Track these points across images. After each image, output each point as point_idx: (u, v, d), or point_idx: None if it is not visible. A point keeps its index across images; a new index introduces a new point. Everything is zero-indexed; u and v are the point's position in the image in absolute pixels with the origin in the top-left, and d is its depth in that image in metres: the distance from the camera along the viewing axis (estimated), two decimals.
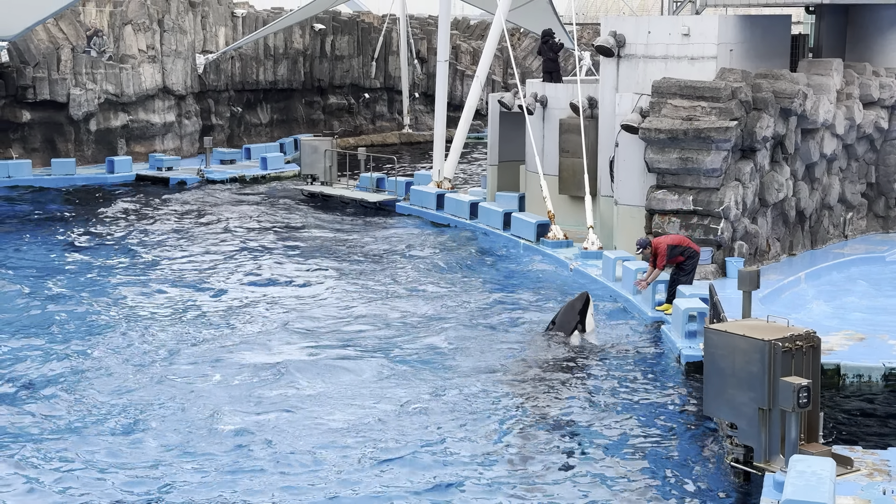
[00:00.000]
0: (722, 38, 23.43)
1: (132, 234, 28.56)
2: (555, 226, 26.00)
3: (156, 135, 41.26)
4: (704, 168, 21.97)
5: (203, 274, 24.08)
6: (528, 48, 55.08)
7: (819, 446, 12.79)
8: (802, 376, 12.65)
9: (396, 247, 27.36)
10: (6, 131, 37.75)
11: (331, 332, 19.50)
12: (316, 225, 30.24)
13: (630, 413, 15.52)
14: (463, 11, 66.16)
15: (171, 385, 16.41)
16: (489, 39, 32.48)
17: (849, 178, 25.89)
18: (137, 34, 40.62)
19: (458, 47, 53.53)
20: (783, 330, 13.03)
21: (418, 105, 52.56)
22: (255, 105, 46.62)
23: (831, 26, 27.24)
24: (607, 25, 24.88)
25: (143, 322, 19.96)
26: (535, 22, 44.21)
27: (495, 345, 18.66)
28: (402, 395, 16.06)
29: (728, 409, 13.11)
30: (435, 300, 21.75)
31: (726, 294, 18.49)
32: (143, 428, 14.69)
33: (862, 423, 15.21)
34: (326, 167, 35.38)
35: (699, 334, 17.34)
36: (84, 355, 17.81)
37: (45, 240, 27.74)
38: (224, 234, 28.64)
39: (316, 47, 48.91)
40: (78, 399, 15.79)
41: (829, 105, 24.11)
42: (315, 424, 14.84)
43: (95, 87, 38.94)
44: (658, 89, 22.92)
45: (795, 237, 24.39)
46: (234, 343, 18.66)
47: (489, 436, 14.57)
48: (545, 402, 15.90)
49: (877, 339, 17.87)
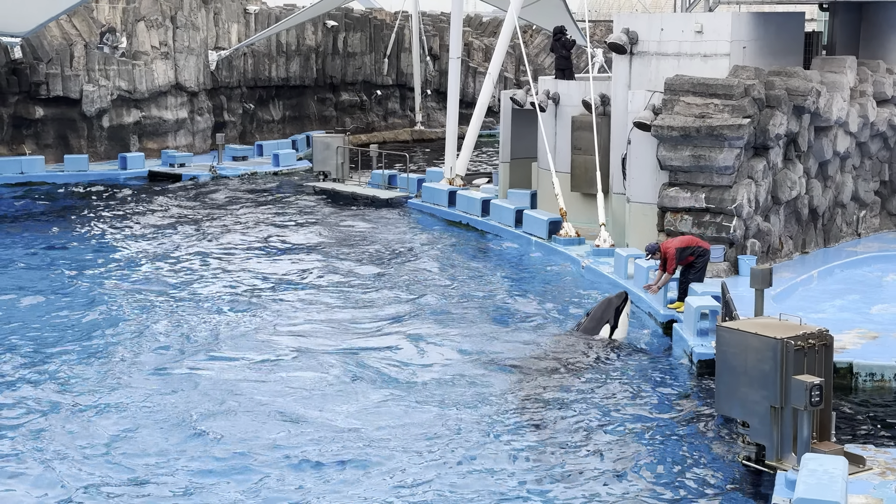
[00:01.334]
0: (735, 36, 23.37)
1: (142, 229, 28.60)
2: (567, 223, 25.97)
3: (168, 131, 41.34)
4: (717, 166, 21.92)
5: (214, 269, 24.10)
6: (541, 45, 55.03)
7: (831, 445, 12.77)
8: (815, 375, 12.63)
9: (408, 243, 27.37)
10: (19, 127, 37.87)
11: (341, 326, 19.52)
12: (327, 221, 30.26)
13: (641, 411, 15.51)
14: (475, 8, 66.08)
15: (182, 379, 16.47)
16: (501, 36, 32.45)
17: (862, 176, 25.80)
18: (150, 31, 40.70)
19: (470, 44, 53.50)
20: (796, 328, 13.01)
21: (430, 102, 52.55)
22: (268, 102, 46.68)
23: (845, 23, 27.14)
24: (620, 22, 24.83)
25: (144, 314, 20.02)
26: (548, 19, 44.15)
27: (506, 340, 18.66)
28: (406, 391, 16.08)
29: (740, 408, 13.09)
30: (446, 296, 21.76)
31: (739, 292, 18.45)
32: (139, 424, 14.75)
33: (874, 422, 15.17)
34: (338, 164, 35.42)
35: (711, 332, 17.30)
36: (83, 351, 17.89)
37: (56, 235, 27.80)
38: (235, 231, 28.68)
39: (328, 44, 48.94)
40: (68, 389, 15.89)
41: (842, 103, 24.03)
42: (324, 417, 14.88)
43: (108, 83, 39.03)
44: (671, 86, 22.87)
45: (808, 235, 24.32)
46: (243, 338, 18.70)
47: (497, 430, 14.57)
48: (555, 397, 15.89)
49: (890, 338, 17.80)
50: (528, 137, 29.83)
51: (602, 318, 18.81)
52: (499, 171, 31.98)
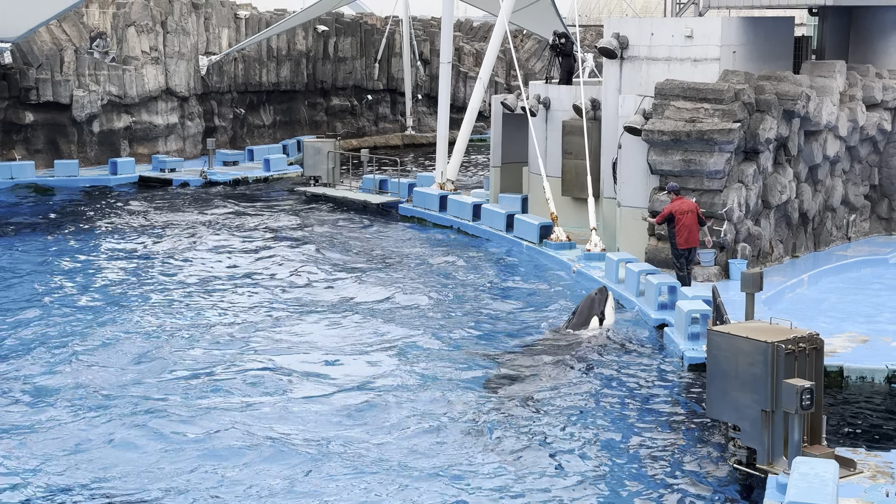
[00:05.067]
0: (725, 40, 23.42)
1: (133, 235, 28.56)
2: (558, 227, 26.00)
3: (159, 136, 41.29)
4: (707, 170, 21.97)
5: (203, 275, 24.07)
6: (531, 50, 55.08)
7: (822, 448, 12.78)
8: (805, 378, 12.65)
9: (399, 248, 27.36)
10: (9, 133, 37.79)
11: (331, 331, 19.52)
12: (319, 227, 30.23)
13: (632, 415, 15.51)
14: (466, 13, 66.18)
15: (174, 384, 16.44)
16: (492, 41, 32.47)
17: (852, 180, 25.88)
18: (140, 36, 40.65)
19: (461, 49, 53.52)
20: (786, 332, 13.03)
21: (421, 107, 52.57)
22: (258, 107, 46.64)
23: (834, 28, 27.22)
24: (610, 27, 24.88)
25: (135, 320, 19.98)
26: (539, 24, 44.21)
27: (497, 344, 18.69)
28: (397, 395, 16.07)
29: (731, 412, 13.11)
30: (437, 300, 21.75)
31: (729, 296, 18.48)
32: (134, 426, 14.73)
33: (865, 425, 15.20)
34: (329, 169, 35.40)
35: (702, 336, 17.33)
36: (77, 354, 17.84)
37: (46, 241, 27.74)
38: (226, 236, 28.64)
39: (319, 49, 48.93)
40: (59, 393, 15.86)
41: (832, 107, 24.10)
42: (317, 415, 14.89)
43: (98, 88, 38.98)
44: (661, 91, 22.91)
45: (798, 239, 24.38)
46: (233, 342, 18.69)
47: (485, 434, 14.57)
48: (546, 402, 15.89)
49: (880, 341, 17.85)
50: (519, 142, 29.85)
51: (590, 313, 19.22)
52: (490, 175, 32.00)
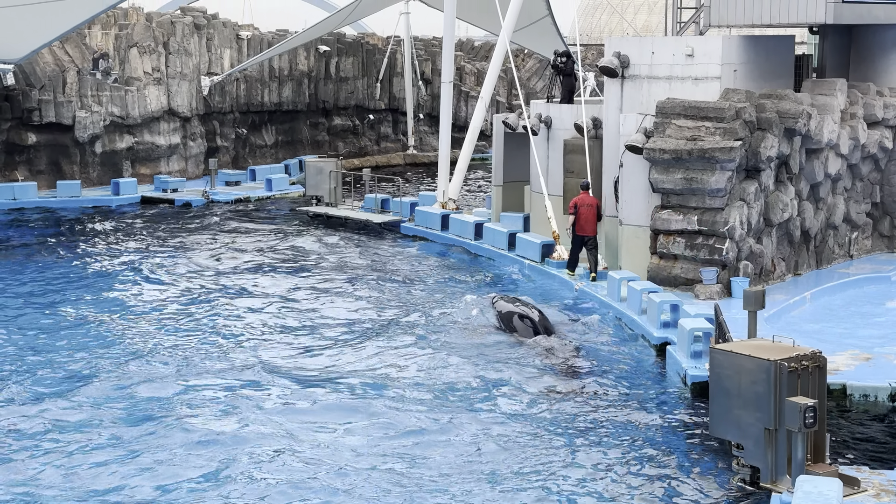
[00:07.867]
0: (726, 59, 23.47)
1: (134, 255, 28.56)
2: (560, 246, 26.00)
3: (161, 156, 41.37)
4: (709, 188, 21.98)
5: (206, 293, 24.08)
6: (533, 69, 55.21)
7: (826, 467, 12.76)
8: (808, 396, 12.63)
9: (401, 267, 27.36)
10: (12, 154, 37.88)
11: (333, 349, 19.51)
12: (321, 246, 30.24)
13: (635, 433, 15.48)
14: (467, 33, 66.44)
15: (176, 405, 16.44)
16: (493, 60, 32.56)
17: (853, 198, 25.88)
18: (143, 56, 40.78)
19: (462, 68, 53.66)
20: (789, 350, 13.02)
21: (423, 126, 52.68)
22: (260, 126, 46.74)
23: (835, 46, 27.28)
24: (611, 46, 24.93)
25: (137, 340, 20.00)
26: (540, 43, 44.36)
27: (497, 359, 18.67)
28: (396, 411, 16.06)
29: (734, 430, 13.09)
30: (436, 320, 21.72)
31: (732, 314, 18.46)
32: (136, 448, 14.73)
33: (868, 444, 15.16)
34: (331, 188, 35.44)
35: (705, 354, 17.30)
36: (79, 371, 17.85)
37: (50, 262, 27.76)
38: (228, 256, 28.65)
39: (321, 69, 49.06)
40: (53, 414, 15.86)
41: (833, 125, 24.13)
42: (321, 437, 14.89)
43: (101, 109, 39.08)
44: (662, 110, 22.95)
45: (801, 257, 24.37)
46: (235, 360, 18.68)
47: (487, 450, 14.55)
48: (546, 420, 15.86)
49: (883, 359, 17.82)
50: (521, 160, 29.86)
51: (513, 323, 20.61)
52: (492, 194, 32.02)
